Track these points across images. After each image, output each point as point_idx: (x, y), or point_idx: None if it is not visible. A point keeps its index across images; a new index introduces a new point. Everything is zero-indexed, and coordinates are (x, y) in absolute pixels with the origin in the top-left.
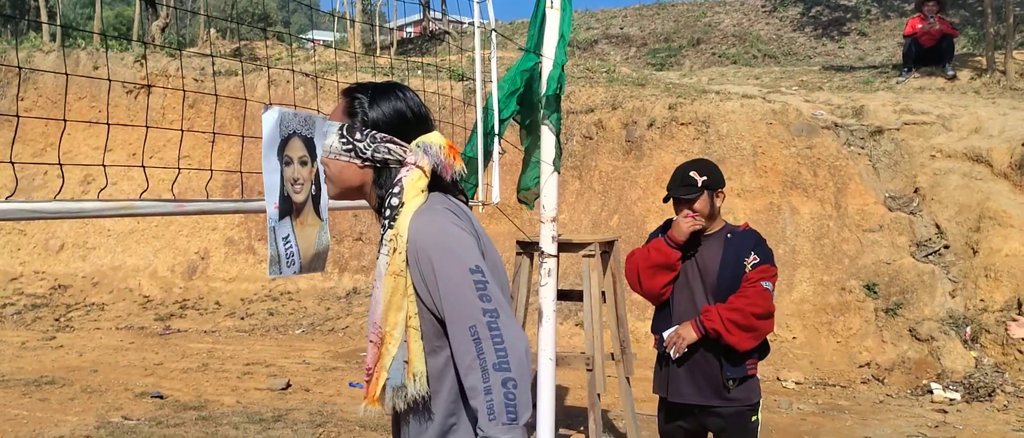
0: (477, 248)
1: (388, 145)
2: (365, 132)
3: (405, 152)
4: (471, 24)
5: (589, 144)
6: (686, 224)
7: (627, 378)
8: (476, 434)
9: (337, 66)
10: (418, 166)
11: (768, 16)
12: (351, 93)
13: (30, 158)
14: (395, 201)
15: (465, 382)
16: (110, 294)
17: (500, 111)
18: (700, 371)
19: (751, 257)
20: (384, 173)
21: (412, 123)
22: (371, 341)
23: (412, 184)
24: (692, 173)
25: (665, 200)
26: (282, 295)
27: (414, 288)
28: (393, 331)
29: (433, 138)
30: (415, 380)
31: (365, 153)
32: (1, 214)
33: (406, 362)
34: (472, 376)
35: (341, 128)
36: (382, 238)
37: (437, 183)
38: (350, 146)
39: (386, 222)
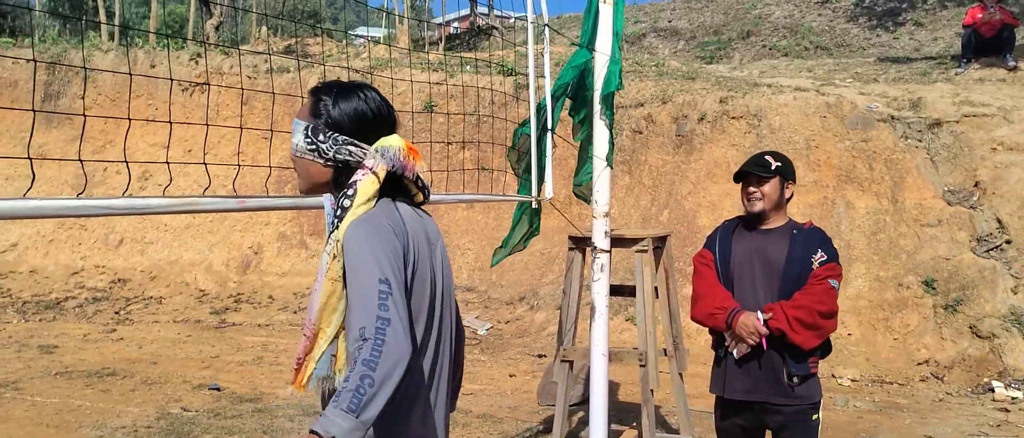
0: (395, 260)
1: (349, 147)
2: (328, 134)
3: (364, 155)
4: (519, 19)
5: (639, 138)
6: (752, 338)
7: (680, 374)
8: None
9: (390, 62)
10: (374, 172)
11: (820, 7)
12: (317, 93)
13: (90, 155)
14: (346, 202)
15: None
16: (167, 288)
17: (552, 107)
18: (761, 368)
19: (818, 254)
20: (345, 173)
21: (372, 124)
22: (305, 334)
23: (363, 189)
24: (767, 156)
25: (736, 178)
26: None
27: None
28: (327, 328)
29: (392, 141)
30: (340, 373)
31: (327, 154)
32: (75, 210)
33: (334, 356)
34: (347, 368)
35: (306, 128)
36: (329, 236)
37: (396, 184)
38: (314, 146)
39: (335, 222)
